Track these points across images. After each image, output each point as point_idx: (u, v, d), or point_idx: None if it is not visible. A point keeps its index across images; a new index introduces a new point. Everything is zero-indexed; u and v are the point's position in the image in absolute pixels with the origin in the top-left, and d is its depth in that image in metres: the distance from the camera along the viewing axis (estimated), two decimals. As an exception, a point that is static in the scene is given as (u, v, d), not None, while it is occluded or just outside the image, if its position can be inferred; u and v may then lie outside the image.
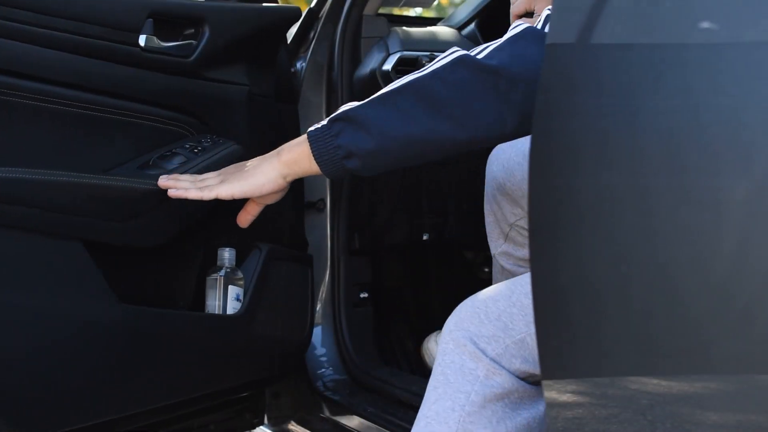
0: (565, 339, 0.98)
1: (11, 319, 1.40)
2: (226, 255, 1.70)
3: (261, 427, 2.06)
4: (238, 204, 1.42)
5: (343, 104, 2.14)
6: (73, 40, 1.52)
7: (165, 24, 1.66)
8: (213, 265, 1.71)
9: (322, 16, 2.18)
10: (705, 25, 0.87)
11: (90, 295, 1.49)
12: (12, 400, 1.42)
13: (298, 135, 1.99)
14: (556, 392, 0.99)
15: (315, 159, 1.27)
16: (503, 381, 1.23)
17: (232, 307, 1.70)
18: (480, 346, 1.24)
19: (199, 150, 1.62)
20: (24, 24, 1.47)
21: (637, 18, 0.94)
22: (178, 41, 1.69)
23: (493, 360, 1.23)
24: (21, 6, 1.46)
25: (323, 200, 2.19)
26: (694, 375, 0.90)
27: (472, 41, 2.32)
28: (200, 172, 1.54)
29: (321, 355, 2.11)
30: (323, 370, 2.09)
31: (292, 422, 2.14)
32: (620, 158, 0.92)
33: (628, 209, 0.91)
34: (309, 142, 1.28)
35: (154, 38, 1.65)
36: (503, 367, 1.23)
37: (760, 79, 0.83)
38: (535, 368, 1.22)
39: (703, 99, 0.87)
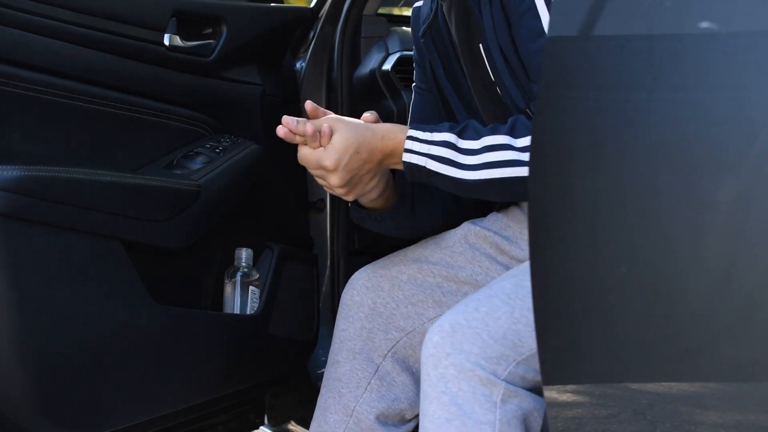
0: (565, 339, 0.97)
1: (54, 320, 1.39)
2: (243, 255, 1.70)
3: (261, 427, 2.06)
4: (255, 206, 1.40)
5: (343, 104, 2.16)
6: (108, 40, 1.53)
7: (184, 23, 1.67)
8: (229, 266, 1.71)
9: (321, 16, 2.18)
10: (706, 17, 0.87)
11: (130, 296, 1.49)
12: (56, 401, 1.42)
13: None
14: (556, 392, 0.99)
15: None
16: (520, 401, 1.18)
17: (251, 307, 1.71)
18: (490, 369, 1.17)
19: (220, 150, 1.63)
20: (65, 23, 1.48)
21: (638, 11, 0.93)
22: (196, 41, 1.70)
23: (506, 381, 1.17)
24: (63, 5, 1.47)
25: (323, 200, 2.18)
26: (694, 375, 0.89)
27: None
28: (224, 171, 1.54)
29: (321, 355, 2.11)
30: (323, 370, 2.09)
31: (292, 422, 2.13)
32: (621, 156, 0.91)
33: (628, 208, 0.91)
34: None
35: (177, 38, 1.66)
36: (518, 386, 1.18)
37: (762, 73, 0.83)
38: None
39: (705, 95, 0.86)
